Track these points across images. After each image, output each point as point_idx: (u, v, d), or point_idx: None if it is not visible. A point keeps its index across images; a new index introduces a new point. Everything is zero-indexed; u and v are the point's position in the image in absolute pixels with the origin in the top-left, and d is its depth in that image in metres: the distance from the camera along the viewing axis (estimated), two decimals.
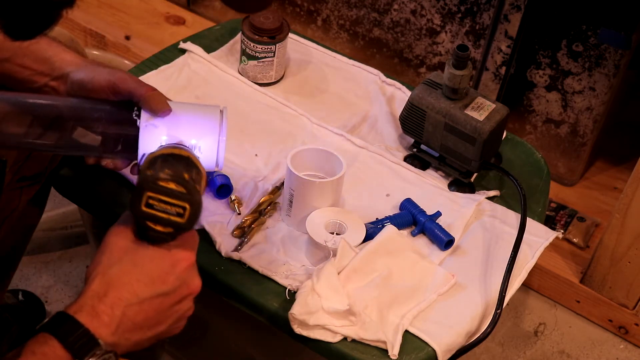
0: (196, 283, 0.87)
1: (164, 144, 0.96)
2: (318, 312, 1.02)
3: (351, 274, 1.06)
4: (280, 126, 1.33)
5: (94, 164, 1.05)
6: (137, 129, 0.97)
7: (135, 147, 0.97)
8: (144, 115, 0.98)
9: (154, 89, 0.99)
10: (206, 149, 0.99)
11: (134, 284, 0.81)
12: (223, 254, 1.11)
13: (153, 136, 0.97)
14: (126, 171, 1.19)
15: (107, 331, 0.79)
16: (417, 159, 1.30)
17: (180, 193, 0.82)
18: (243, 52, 1.39)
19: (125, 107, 1.00)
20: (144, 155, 0.93)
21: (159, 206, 0.82)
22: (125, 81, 0.99)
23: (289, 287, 1.08)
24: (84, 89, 1.00)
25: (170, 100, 1.01)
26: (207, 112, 1.01)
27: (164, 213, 0.82)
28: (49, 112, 0.97)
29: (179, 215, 0.83)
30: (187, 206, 0.83)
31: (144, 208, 0.82)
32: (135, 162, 1.02)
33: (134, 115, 0.98)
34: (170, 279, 0.84)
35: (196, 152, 0.98)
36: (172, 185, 0.82)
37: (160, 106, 0.97)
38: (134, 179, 1.18)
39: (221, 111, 1.02)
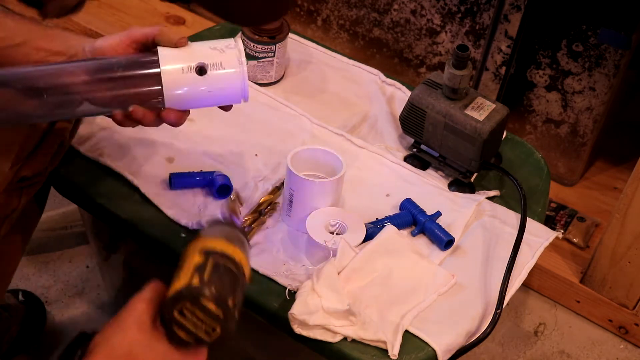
0: None
1: (187, 73, 0.96)
2: (318, 312, 1.02)
3: (351, 274, 1.06)
4: (280, 126, 1.33)
5: (121, 121, 1.02)
6: (157, 66, 0.97)
7: (158, 87, 0.97)
8: (161, 50, 0.98)
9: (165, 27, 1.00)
10: (228, 78, 0.99)
11: None
12: None
13: (174, 68, 0.97)
14: (127, 172, 1.19)
15: None
16: (417, 159, 1.30)
17: (217, 316, 0.80)
18: None
19: (140, 52, 1.00)
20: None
21: (191, 318, 0.80)
22: (139, 28, 1.00)
23: (289, 287, 1.08)
24: (101, 52, 1.00)
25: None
26: (222, 40, 1.01)
27: (193, 326, 0.80)
28: (62, 75, 0.97)
29: (207, 333, 0.81)
30: (218, 330, 0.81)
31: (176, 315, 0.80)
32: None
33: (150, 54, 0.98)
34: None
35: (217, 72, 0.98)
36: (212, 306, 0.79)
37: (176, 36, 0.98)
38: (135, 178, 1.18)
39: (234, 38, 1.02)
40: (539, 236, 1.19)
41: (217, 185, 1.18)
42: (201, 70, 0.97)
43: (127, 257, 1.43)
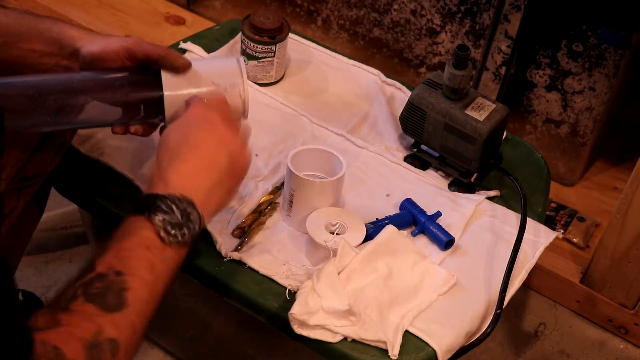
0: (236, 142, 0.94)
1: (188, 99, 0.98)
2: (318, 312, 1.02)
3: (351, 274, 1.06)
4: (280, 126, 1.33)
5: (122, 133, 1.03)
6: (160, 89, 0.97)
7: (159, 109, 0.98)
8: (164, 74, 0.98)
9: (170, 48, 1.00)
10: (231, 98, 1.00)
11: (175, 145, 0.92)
12: (223, 254, 1.11)
13: (178, 93, 0.97)
14: (127, 172, 1.19)
15: (167, 186, 0.87)
16: (417, 159, 1.30)
17: None
18: (243, 52, 1.39)
19: (143, 71, 1.00)
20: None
21: None
22: (140, 44, 0.99)
23: (289, 287, 1.08)
24: (98, 59, 0.99)
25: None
26: (225, 63, 1.02)
27: None
28: (64, 89, 0.97)
29: None
30: None
31: None
32: (163, 125, 1.02)
33: (153, 76, 0.98)
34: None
35: None
36: None
37: (180, 61, 0.98)
38: (135, 178, 1.18)
39: (237, 59, 1.02)
40: (539, 236, 1.19)
41: None
42: None
43: None
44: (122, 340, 0.77)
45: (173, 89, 0.98)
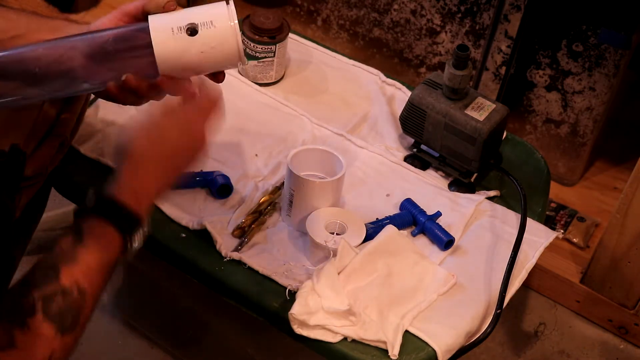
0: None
1: (177, 34, 0.95)
2: (318, 312, 1.02)
3: (351, 274, 1.06)
4: (280, 126, 1.33)
5: (117, 92, 1.00)
6: (148, 31, 0.94)
7: (149, 51, 0.95)
8: (151, 17, 0.96)
9: None
10: (220, 36, 0.96)
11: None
12: (223, 254, 1.11)
13: (164, 31, 0.94)
14: None
15: (140, 203, 0.89)
16: (417, 159, 1.30)
17: None
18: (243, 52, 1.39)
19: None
20: None
21: None
22: (131, 2, 1.00)
23: (289, 287, 1.08)
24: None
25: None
26: (213, 4, 0.99)
27: None
28: (53, 54, 0.97)
29: None
30: None
31: None
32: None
33: (143, 23, 0.97)
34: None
35: (209, 31, 0.96)
36: None
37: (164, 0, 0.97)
38: None
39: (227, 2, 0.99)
40: (539, 236, 1.19)
41: (217, 185, 1.18)
42: (192, 31, 0.94)
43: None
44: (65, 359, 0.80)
45: (159, 25, 0.95)
